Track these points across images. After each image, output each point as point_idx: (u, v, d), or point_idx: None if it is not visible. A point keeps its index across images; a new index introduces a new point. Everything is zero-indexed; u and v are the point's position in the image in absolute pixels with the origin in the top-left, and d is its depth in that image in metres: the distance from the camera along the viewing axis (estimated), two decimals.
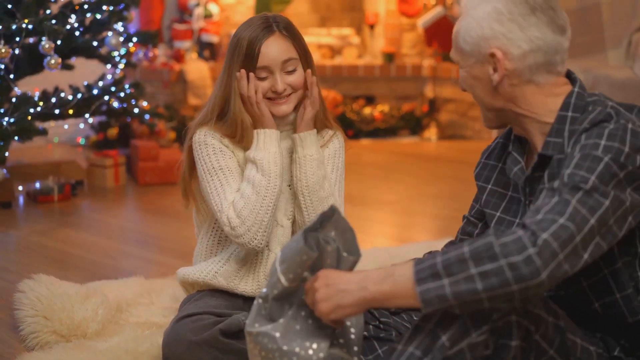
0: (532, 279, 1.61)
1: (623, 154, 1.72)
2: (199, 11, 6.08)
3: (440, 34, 6.33)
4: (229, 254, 2.53)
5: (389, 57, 6.49)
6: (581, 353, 1.80)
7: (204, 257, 2.61)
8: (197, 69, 5.94)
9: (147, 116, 4.69)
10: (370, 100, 6.52)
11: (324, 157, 2.52)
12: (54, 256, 3.60)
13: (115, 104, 4.58)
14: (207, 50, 6.17)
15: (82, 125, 5.21)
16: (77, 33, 4.25)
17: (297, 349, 1.81)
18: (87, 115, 4.39)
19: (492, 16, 1.85)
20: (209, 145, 2.43)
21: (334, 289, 1.74)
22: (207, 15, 6.14)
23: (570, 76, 1.92)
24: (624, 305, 1.84)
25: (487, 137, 6.28)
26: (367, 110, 6.32)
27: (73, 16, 4.23)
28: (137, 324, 2.78)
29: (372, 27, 6.58)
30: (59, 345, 2.63)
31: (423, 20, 6.35)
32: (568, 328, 1.79)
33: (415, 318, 2.21)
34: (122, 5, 4.37)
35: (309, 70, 2.46)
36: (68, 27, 4.15)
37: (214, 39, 6.17)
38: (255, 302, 1.87)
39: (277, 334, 1.81)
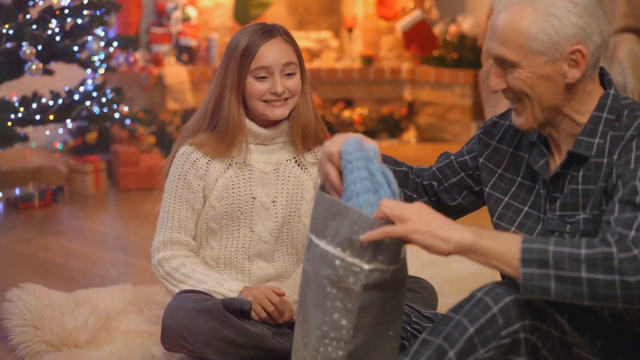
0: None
1: None
2: (177, 15, 6.05)
3: (418, 38, 6.34)
4: (220, 276, 2.54)
5: (368, 60, 6.50)
6: None
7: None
8: (175, 73, 5.91)
9: (127, 121, 4.65)
10: (349, 104, 6.53)
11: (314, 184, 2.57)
12: (38, 264, 3.57)
13: (96, 109, 4.55)
14: (185, 54, 6.13)
15: (60, 131, 5.16)
16: (57, 38, 4.20)
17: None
18: (68, 121, 4.35)
19: (571, 10, 1.77)
20: (181, 169, 2.48)
21: (434, 225, 1.68)
22: (185, 19, 6.11)
23: (604, 77, 1.90)
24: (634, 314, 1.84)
25: (466, 140, 6.30)
26: (346, 114, 6.32)
27: (54, 21, 4.18)
28: (128, 332, 2.77)
29: (350, 30, 6.59)
30: (50, 354, 2.62)
31: (402, 24, 6.37)
32: (573, 342, 1.80)
33: (414, 322, 2.22)
34: (102, 10, 4.34)
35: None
36: (49, 32, 4.10)
37: (192, 42, 6.14)
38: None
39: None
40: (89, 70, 4.54)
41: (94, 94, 4.37)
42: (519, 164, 2.01)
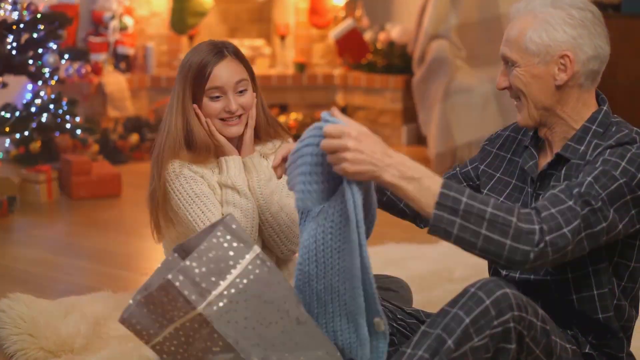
0: (518, 267, 1.89)
1: (636, 180, 1.96)
2: (114, 24, 6.15)
3: (350, 45, 6.58)
4: None
5: (301, 67, 6.69)
6: (560, 351, 2.02)
7: None
8: (115, 82, 6.02)
9: (78, 131, 4.77)
10: (283, 109, 6.71)
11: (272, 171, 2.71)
12: (12, 274, 3.67)
13: (44, 119, 4.65)
14: (123, 62, 6.24)
15: (8, 141, 5.22)
16: (14, 52, 4.30)
17: None
18: (26, 133, 4.45)
19: (566, 20, 2.03)
20: (181, 175, 2.58)
21: (367, 158, 1.85)
22: (122, 28, 6.20)
23: (599, 96, 2.14)
24: (598, 301, 2.07)
25: (397, 143, 6.58)
26: (282, 119, 6.50)
27: (10, 36, 4.28)
28: (120, 337, 2.89)
29: (282, 38, 6.78)
30: None
31: (334, 33, 6.60)
32: (552, 331, 2.01)
33: (399, 319, 2.43)
34: (56, 24, 4.45)
35: (254, 93, 2.64)
36: (8, 46, 4.21)
37: (129, 51, 6.26)
38: None
39: None
40: (39, 82, 4.64)
41: (51, 106, 4.47)
42: (514, 168, 2.24)
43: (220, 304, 1.92)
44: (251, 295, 1.97)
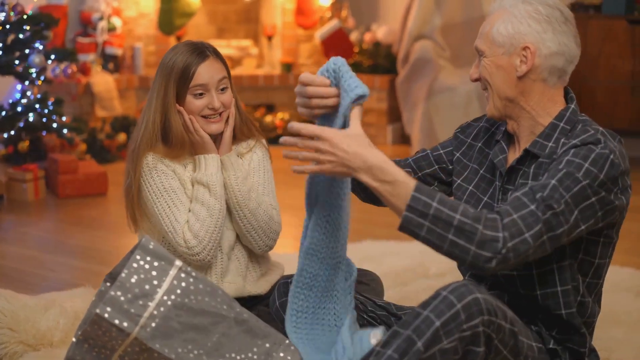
0: (480, 271, 1.96)
1: (598, 181, 2.00)
2: (102, 24, 6.21)
3: (336, 45, 6.64)
4: None
5: (287, 67, 6.76)
6: (527, 350, 2.07)
7: None
8: (103, 82, 6.08)
9: (65, 130, 4.83)
10: (270, 109, 6.77)
11: (250, 168, 2.78)
12: None
13: (31, 118, 4.71)
14: (111, 62, 6.31)
15: None
16: (0, 52, 4.36)
17: None
18: (12, 132, 4.51)
19: (532, 15, 2.10)
20: (154, 169, 2.64)
21: (340, 160, 1.96)
22: (111, 29, 6.27)
23: (568, 94, 2.20)
24: (561, 297, 2.12)
25: (382, 142, 6.65)
26: (269, 118, 6.56)
27: None
28: None
29: (270, 38, 6.84)
30: (28, 354, 2.79)
31: (320, 33, 6.67)
32: (519, 332, 2.05)
33: (369, 311, 2.47)
34: (42, 24, 4.51)
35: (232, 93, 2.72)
36: None
37: (117, 51, 6.32)
38: None
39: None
40: (26, 82, 4.70)
41: (37, 106, 4.53)
42: (485, 158, 2.30)
43: (153, 325, 1.99)
44: (182, 309, 2.03)
